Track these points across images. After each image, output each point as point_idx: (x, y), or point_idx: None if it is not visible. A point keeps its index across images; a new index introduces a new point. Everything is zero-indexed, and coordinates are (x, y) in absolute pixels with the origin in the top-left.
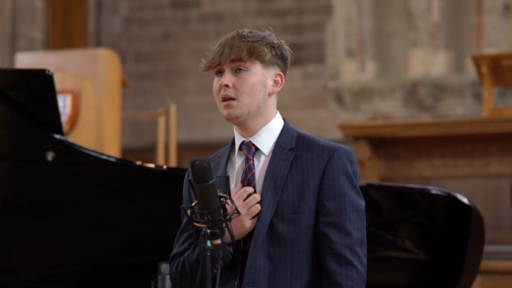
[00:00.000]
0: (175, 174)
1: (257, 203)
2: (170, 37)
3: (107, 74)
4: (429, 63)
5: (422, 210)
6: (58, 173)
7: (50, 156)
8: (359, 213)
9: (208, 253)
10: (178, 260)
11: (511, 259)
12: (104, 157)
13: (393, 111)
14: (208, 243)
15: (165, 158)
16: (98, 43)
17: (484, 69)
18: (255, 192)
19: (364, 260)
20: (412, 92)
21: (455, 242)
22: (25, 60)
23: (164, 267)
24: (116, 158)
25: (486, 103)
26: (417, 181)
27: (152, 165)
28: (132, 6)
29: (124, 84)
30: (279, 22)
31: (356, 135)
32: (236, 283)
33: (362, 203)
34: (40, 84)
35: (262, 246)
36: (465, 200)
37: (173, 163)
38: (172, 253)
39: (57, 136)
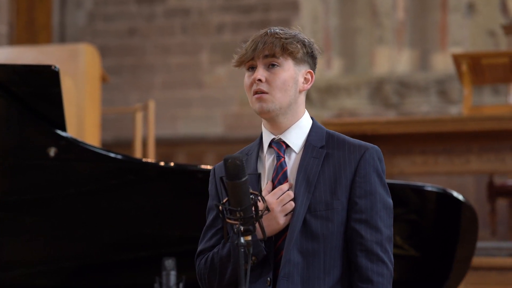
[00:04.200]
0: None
1: (291, 200)
2: (135, 32)
3: (87, 69)
4: (394, 60)
5: (413, 206)
6: (54, 169)
7: (52, 152)
8: (388, 210)
9: (242, 250)
10: (206, 256)
11: (490, 255)
12: (112, 154)
13: (359, 108)
14: (242, 240)
15: (143, 154)
16: (62, 38)
17: (464, 67)
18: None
19: (392, 257)
20: (377, 89)
21: (446, 238)
22: (3, 55)
23: (169, 263)
24: (123, 155)
25: (466, 101)
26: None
27: (162, 163)
28: (97, 0)
29: (103, 80)
30: (245, 18)
31: (339, 132)
32: (268, 278)
33: (390, 201)
34: (46, 79)
35: (296, 241)
36: (460, 197)
37: (151, 159)
38: (199, 249)
39: (60, 132)
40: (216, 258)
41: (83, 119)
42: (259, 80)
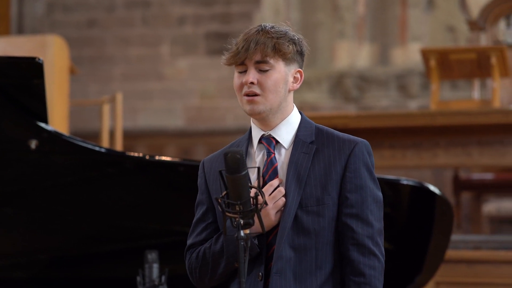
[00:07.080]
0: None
1: (282, 196)
2: (95, 23)
3: (56, 61)
4: (354, 55)
5: (388, 200)
6: (35, 162)
7: (33, 144)
8: (378, 204)
9: (242, 243)
10: (197, 250)
11: (456, 248)
12: (96, 148)
13: (319, 102)
14: (241, 233)
15: (110, 146)
16: (20, 28)
17: (433, 63)
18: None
19: (383, 250)
20: (338, 83)
21: (420, 231)
22: None
23: (152, 255)
24: (106, 149)
25: (433, 96)
26: None
27: (147, 156)
28: None
29: (71, 71)
30: (206, 11)
31: None
32: (260, 273)
33: (380, 194)
34: (29, 72)
35: (287, 237)
36: (436, 191)
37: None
38: (189, 243)
39: (42, 125)
40: (208, 253)
41: (52, 111)
42: (251, 83)
